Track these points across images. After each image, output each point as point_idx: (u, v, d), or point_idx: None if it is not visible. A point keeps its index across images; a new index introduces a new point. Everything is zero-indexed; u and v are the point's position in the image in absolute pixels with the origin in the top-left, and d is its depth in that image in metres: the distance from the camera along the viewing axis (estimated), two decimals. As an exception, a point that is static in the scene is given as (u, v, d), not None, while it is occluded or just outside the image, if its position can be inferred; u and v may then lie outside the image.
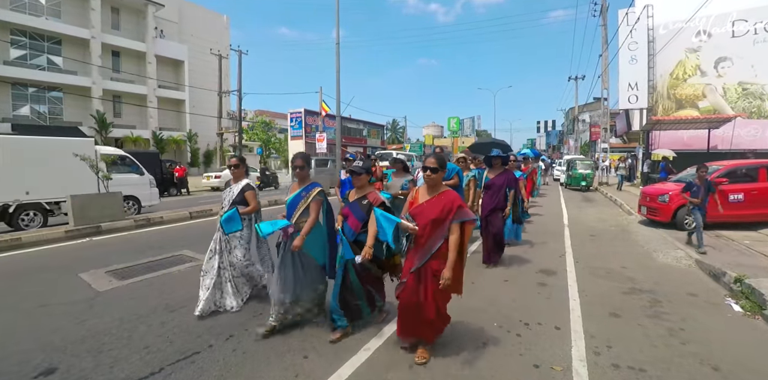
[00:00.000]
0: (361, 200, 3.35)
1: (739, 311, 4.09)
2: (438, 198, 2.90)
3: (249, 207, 4.05)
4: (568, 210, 12.17)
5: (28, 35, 25.75)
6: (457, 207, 2.82)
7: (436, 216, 2.82)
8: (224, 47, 34.28)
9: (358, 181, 3.37)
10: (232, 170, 4.15)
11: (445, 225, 2.82)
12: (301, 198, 3.44)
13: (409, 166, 5.92)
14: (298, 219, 3.41)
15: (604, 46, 21.52)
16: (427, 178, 2.92)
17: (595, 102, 36.96)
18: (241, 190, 4.07)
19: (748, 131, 17.19)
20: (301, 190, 3.47)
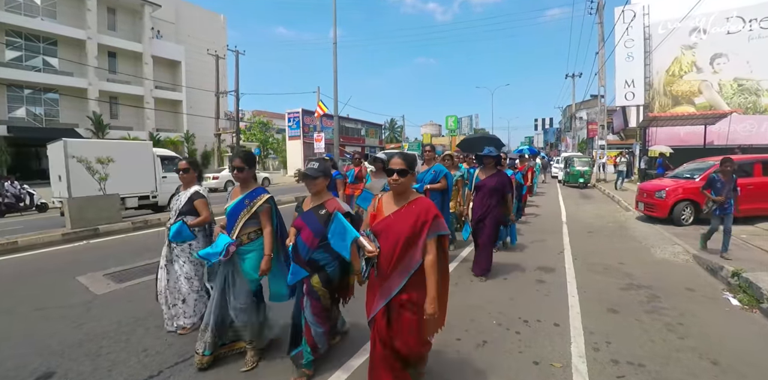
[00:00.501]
0: (318, 209, 2.76)
1: (737, 305, 4.11)
2: (408, 209, 2.23)
3: (199, 219, 3.48)
4: (566, 207, 12.18)
5: (24, 36, 25.61)
6: (432, 218, 2.18)
7: (407, 232, 2.15)
8: (221, 47, 34.19)
9: (314, 186, 2.77)
10: (181, 174, 3.55)
11: (419, 243, 2.17)
12: (243, 207, 2.94)
13: None
14: (241, 232, 2.91)
15: (600, 43, 21.51)
16: (394, 183, 2.24)
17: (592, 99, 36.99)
18: (189, 198, 3.50)
19: (744, 127, 17.24)
20: (244, 197, 2.96)
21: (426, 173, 5.48)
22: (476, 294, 4.43)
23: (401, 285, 2.17)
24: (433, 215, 2.18)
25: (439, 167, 5.56)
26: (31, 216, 12.56)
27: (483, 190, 5.04)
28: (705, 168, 8.60)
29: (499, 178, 5.02)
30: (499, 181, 4.99)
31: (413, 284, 2.18)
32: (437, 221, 2.19)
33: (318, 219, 2.71)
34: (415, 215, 2.18)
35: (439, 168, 5.54)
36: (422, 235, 2.16)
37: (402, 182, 2.24)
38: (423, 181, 5.38)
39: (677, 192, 8.38)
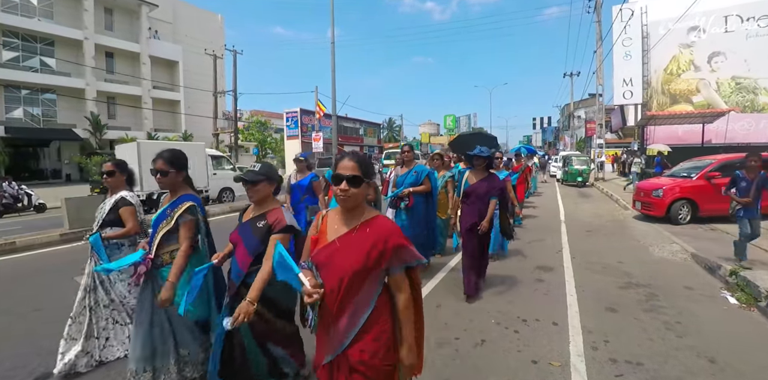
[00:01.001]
0: (257, 221, 2.21)
1: (735, 303, 4.12)
2: (361, 234, 1.60)
3: (122, 230, 2.92)
4: (564, 206, 12.20)
5: (21, 37, 25.54)
6: (394, 247, 1.56)
7: (357, 266, 1.54)
8: (219, 47, 34.14)
9: (254, 193, 2.22)
10: (105, 179, 3.02)
11: (375, 279, 1.59)
12: (164, 217, 2.44)
13: None
14: (160, 249, 2.43)
15: (598, 42, 21.53)
16: (342, 195, 1.59)
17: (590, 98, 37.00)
18: (114, 205, 2.95)
19: (742, 125, 17.31)
20: (167, 206, 2.48)
21: (406, 175, 4.98)
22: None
23: (351, 336, 1.55)
24: (394, 244, 1.55)
25: (420, 167, 5.06)
26: (29, 217, 12.53)
27: (473, 196, 4.32)
28: (702, 166, 8.62)
29: (491, 183, 4.30)
30: (491, 186, 4.27)
31: (369, 334, 1.55)
32: (401, 250, 1.56)
33: (254, 233, 2.18)
34: (369, 242, 1.55)
35: (420, 168, 5.04)
36: (378, 269, 1.55)
37: (353, 194, 1.58)
38: (404, 184, 4.91)
39: (674, 191, 8.39)
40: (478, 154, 4.28)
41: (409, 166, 5.08)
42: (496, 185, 4.33)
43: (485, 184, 4.29)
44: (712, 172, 8.27)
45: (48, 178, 27.27)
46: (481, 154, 4.27)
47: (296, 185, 5.26)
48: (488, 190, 4.26)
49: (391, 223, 1.66)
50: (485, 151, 4.29)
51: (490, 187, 4.28)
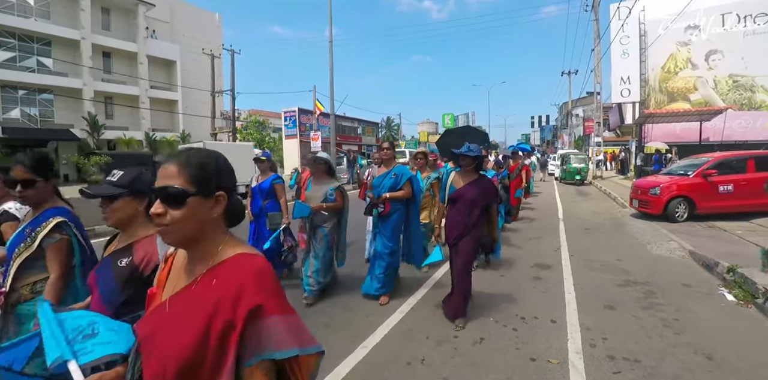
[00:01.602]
0: (119, 257, 1.49)
1: (732, 300, 4.14)
2: (202, 290, 0.93)
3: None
4: (562, 204, 12.22)
5: (17, 37, 25.42)
6: (247, 315, 0.85)
7: (187, 350, 0.85)
8: (216, 47, 34.04)
9: (111, 213, 1.50)
10: None
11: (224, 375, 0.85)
12: (23, 238, 1.86)
13: (334, 168, 4.38)
14: (18, 280, 1.84)
15: (596, 40, 21.55)
16: (157, 222, 0.94)
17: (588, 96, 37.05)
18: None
19: (739, 123, 17.35)
20: (26, 226, 1.91)
21: (384, 177, 4.23)
22: (473, 292, 4.44)
23: None
24: (249, 308, 0.86)
25: (400, 169, 4.29)
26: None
27: (460, 202, 3.66)
28: (699, 164, 8.65)
29: (482, 187, 3.65)
30: (482, 191, 3.61)
31: None
32: (261, 323, 0.86)
33: (114, 275, 1.45)
34: (210, 306, 0.88)
35: (400, 170, 4.27)
36: (224, 361, 0.85)
37: (176, 220, 0.93)
38: (381, 187, 4.19)
39: (671, 189, 8.42)
40: (465, 153, 3.58)
41: (388, 167, 4.34)
42: (488, 189, 3.67)
43: (475, 188, 3.62)
44: (709, 169, 8.30)
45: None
46: (468, 153, 3.56)
47: (256, 189, 4.69)
48: (478, 195, 3.58)
49: (252, 267, 0.94)
50: (474, 150, 3.58)
51: (481, 192, 3.60)
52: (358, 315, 3.81)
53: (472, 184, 3.68)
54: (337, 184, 4.22)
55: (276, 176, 4.82)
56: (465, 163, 3.69)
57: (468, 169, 3.72)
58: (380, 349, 3.16)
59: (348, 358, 3.00)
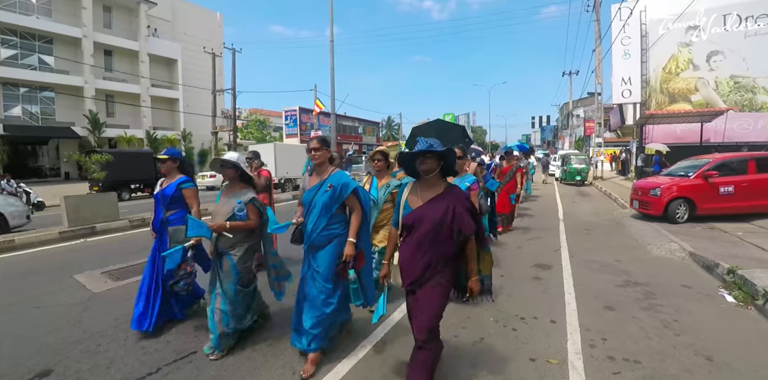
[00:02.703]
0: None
1: (732, 302, 4.13)
2: None
3: None
4: (563, 204, 12.22)
5: (19, 34, 25.45)
6: None
7: None
8: (218, 45, 34.10)
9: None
10: None
11: None
12: None
13: (249, 174, 3.30)
14: None
15: (597, 41, 21.55)
16: None
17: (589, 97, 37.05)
18: None
19: (740, 124, 17.31)
20: None
21: (316, 191, 2.97)
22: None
23: None
24: None
25: (339, 177, 2.97)
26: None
27: (418, 229, 2.36)
28: (699, 165, 8.64)
29: (450, 204, 2.32)
30: (451, 211, 2.31)
31: None
32: None
33: None
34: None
35: (338, 179, 2.96)
36: None
37: None
38: (313, 206, 2.97)
39: (672, 190, 8.41)
40: (425, 151, 2.31)
41: (322, 174, 3.03)
42: (459, 207, 2.31)
43: (440, 208, 2.30)
44: (710, 171, 8.29)
45: (46, 176, 27.24)
46: (432, 148, 2.30)
47: (158, 196, 3.67)
48: (445, 217, 2.28)
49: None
50: (435, 145, 2.32)
51: (450, 213, 2.29)
52: (358, 314, 3.80)
53: (436, 200, 2.32)
54: (251, 195, 3.17)
55: (184, 179, 3.68)
56: (425, 166, 2.32)
57: (430, 178, 2.35)
58: (380, 348, 3.16)
59: (348, 357, 3.00)
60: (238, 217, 3.09)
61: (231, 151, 3.65)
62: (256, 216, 3.18)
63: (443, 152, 2.31)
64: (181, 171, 3.76)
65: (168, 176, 3.75)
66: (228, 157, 3.25)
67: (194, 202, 3.67)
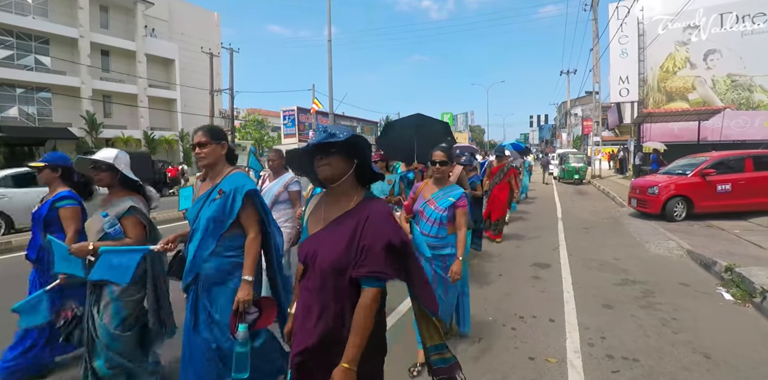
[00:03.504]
0: None
1: (730, 299, 4.15)
2: None
3: None
4: (561, 203, 12.23)
5: (15, 35, 25.32)
6: None
7: None
8: (215, 45, 33.98)
9: None
10: None
11: None
12: None
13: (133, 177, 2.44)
14: None
15: (594, 40, 21.58)
16: None
17: (587, 96, 37.10)
18: None
19: (737, 122, 17.36)
20: None
21: (204, 200, 2.21)
22: (471, 290, 4.44)
23: None
24: None
25: (234, 181, 2.21)
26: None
27: (312, 272, 1.47)
28: (697, 164, 8.66)
29: (360, 228, 1.40)
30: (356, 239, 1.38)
31: None
32: None
33: None
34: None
35: (234, 182, 2.20)
36: None
37: None
38: (198, 220, 2.22)
39: (669, 188, 8.43)
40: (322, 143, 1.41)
41: (215, 178, 2.26)
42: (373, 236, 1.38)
43: (343, 234, 1.42)
44: (707, 169, 8.31)
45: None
46: (331, 139, 1.39)
47: (35, 215, 2.86)
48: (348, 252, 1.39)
49: None
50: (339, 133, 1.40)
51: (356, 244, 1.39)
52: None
53: (339, 223, 1.47)
54: (127, 204, 2.36)
55: (64, 194, 2.81)
56: (324, 170, 1.46)
57: (337, 186, 1.50)
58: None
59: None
60: (110, 236, 2.29)
61: (107, 148, 2.53)
62: (138, 231, 2.38)
63: (352, 141, 1.39)
64: (67, 182, 2.88)
65: (50, 189, 2.91)
66: (101, 156, 2.35)
67: (71, 225, 2.72)
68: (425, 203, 2.88)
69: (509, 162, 7.46)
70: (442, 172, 2.88)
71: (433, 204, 2.85)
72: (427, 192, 2.95)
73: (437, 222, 2.81)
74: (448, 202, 2.82)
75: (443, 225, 2.82)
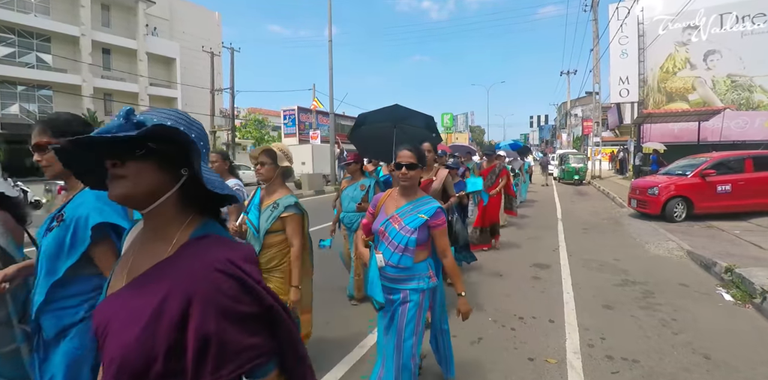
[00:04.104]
0: None
1: (730, 300, 4.16)
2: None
3: None
4: (561, 204, 12.24)
5: (17, 32, 25.32)
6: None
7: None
8: (216, 44, 33.99)
9: None
10: None
11: None
12: None
13: None
14: None
15: (595, 40, 21.56)
16: None
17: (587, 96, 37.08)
18: None
19: (737, 123, 17.37)
20: None
21: (48, 225, 1.50)
22: (471, 291, 4.45)
23: None
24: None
25: (79, 203, 1.47)
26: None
27: (104, 365, 0.78)
28: (697, 164, 8.67)
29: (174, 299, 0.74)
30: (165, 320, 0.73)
31: None
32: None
33: None
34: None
35: (80, 205, 1.46)
36: None
37: None
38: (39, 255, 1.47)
39: (669, 188, 8.44)
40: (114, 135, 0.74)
41: (68, 196, 1.73)
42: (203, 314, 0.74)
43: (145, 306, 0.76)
44: (707, 169, 8.32)
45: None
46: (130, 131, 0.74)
47: None
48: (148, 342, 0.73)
49: None
50: (153, 119, 0.78)
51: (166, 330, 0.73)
52: (357, 315, 3.82)
53: (141, 281, 0.81)
54: None
55: None
56: (115, 186, 0.80)
57: (146, 215, 0.86)
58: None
59: (346, 357, 3.01)
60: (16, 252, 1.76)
61: None
62: None
63: (169, 135, 0.80)
64: None
65: None
66: None
67: None
68: (387, 221, 2.14)
69: (501, 163, 6.92)
70: (410, 179, 2.14)
71: (397, 222, 2.10)
72: (390, 206, 2.21)
73: (401, 248, 2.06)
74: (418, 221, 2.07)
75: (408, 251, 2.07)
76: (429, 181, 3.60)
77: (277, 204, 2.42)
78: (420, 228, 2.07)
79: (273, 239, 2.43)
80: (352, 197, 4.00)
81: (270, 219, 2.40)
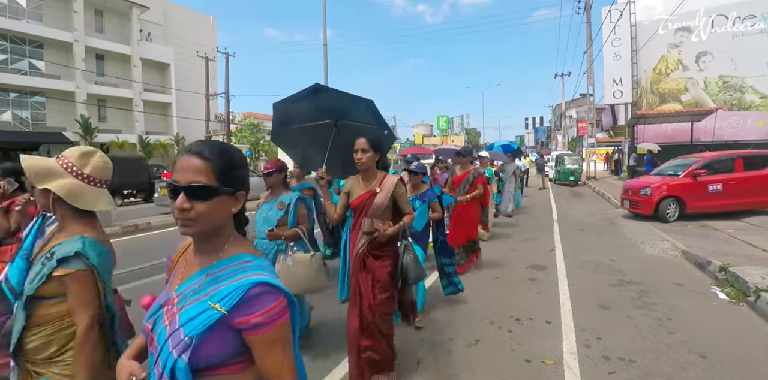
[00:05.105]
0: None
1: (725, 299, 4.18)
2: None
3: None
4: (557, 205, 12.28)
5: (9, 39, 25.22)
6: None
7: None
8: (211, 49, 33.97)
9: None
10: None
11: None
12: None
13: None
14: None
15: (588, 42, 21.73)
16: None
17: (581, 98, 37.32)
18: None
19: (730, 123, 17.51)
20: None
21: None
22: (468, 293, 4.45)
23: None
24: None
25: None
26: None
27: None
28: (688, 164, 8.73)
29: None
30: None
31: None
32: None
33: None
34: None
35: None
36: None
37: None
38: None
39: (661, 189, 8.49)
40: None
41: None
42: None
43: None
44: (698, 169, 8.38)
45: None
46: None
47: None
48: None
49: None
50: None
51: None
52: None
53: None
54: None
55: None
56: None
57: None
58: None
59: (345, 360, 3.00)
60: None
61: None
62: None
63: None
64: None
65: None
66: None
67: None
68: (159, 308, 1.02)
69: (477, 170, 5.61)
70: None
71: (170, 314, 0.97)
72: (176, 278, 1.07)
73: None
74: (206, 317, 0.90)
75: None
76: (370, 193, 2.55)
77: (51, 254, 1.41)
78: (209, 335, 0.90)
79: (46, 310, 1.43)
80: (266, 218, 3.02)
81: (38, 277, 1.39)
